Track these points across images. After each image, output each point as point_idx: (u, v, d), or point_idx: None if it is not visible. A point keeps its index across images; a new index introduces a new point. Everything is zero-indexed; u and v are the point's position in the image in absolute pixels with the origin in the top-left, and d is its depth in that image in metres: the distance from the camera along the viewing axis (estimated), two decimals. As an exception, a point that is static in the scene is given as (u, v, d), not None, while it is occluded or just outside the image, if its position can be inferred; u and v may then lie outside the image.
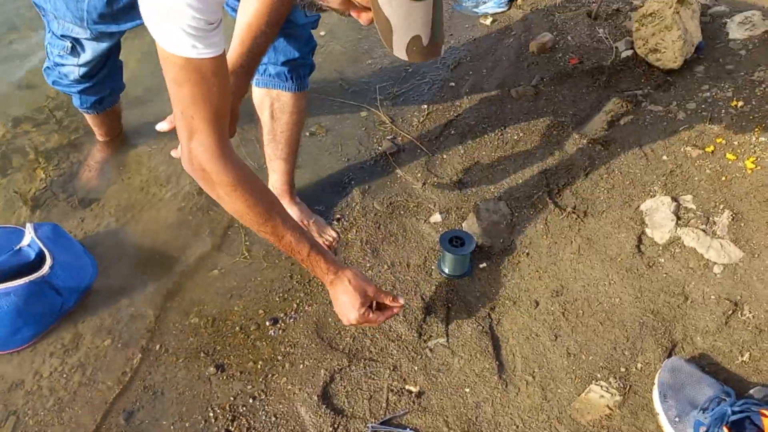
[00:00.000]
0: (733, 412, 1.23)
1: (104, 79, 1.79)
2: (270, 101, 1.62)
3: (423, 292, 1.65)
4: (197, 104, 1.10)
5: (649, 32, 2.24)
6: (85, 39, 1.56)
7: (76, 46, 1.59)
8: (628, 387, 1.41)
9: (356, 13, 1.02)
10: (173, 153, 1.33)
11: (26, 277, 1.56)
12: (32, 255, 1.66)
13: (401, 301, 1.39)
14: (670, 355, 1.45)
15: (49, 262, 1.60)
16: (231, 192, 1.19)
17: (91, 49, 1.60)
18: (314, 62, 1.65)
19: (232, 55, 1.31)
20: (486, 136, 2.11)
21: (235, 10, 1.43)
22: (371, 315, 1.36)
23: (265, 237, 1.29)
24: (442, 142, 2.10)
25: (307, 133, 2.13)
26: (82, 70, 1.68)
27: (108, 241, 1.84)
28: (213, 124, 1.13)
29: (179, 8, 0.97)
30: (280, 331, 1.59)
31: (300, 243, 1.29)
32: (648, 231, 1.74)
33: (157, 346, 1.57)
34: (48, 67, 1.78)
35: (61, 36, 1.57)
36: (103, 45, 1.58)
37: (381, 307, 1.39)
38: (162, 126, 1.34)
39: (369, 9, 0.97)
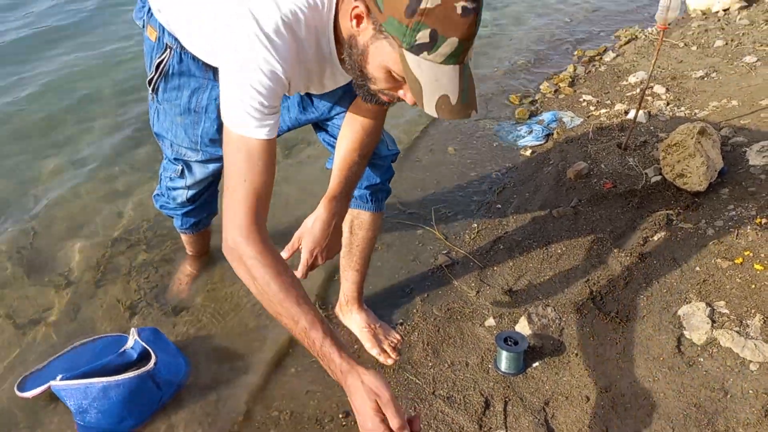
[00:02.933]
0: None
1: (204, 203, 2.09)
2: (351, 218, 1.89)
3: (482, 388, 1.82)
4: (239, 178, 1.24)
5: (675, 159, 2.51)
6: (195, 161, 1.86)
7: (185, 169, 1.91)
8: (677, 472, 1.53)
9: (404, 91, 1.21)
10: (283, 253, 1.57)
11: (134, 371, 1.79)
12: (135, 356, 1.89)
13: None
14: (714, 443, 1.57)
15: (153, 359, 1.83)
16: (255, 260, 1.22)
17: (199, 172, 1.89)
18: (391, 188, 1.93)
19: (334, 184, 1.59)
20: (532, 250, 2.34)
21: (332, 146, 1.74)
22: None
23: (284, 318, 1.23)
24: (492, 256, 2.34)
25: (372, 249, 2.39)
26: (190, 193, 1.98)
27: (197, 343, 2.06)
28: (252, 199, 1.24)
29: (244, 89, 1.19)
30: (353, 423, 1.76)
31: (315, 328, 1.19)
32: (686, 333, 1.90)
33: (243, 436, 1.76)
34: (158, 194, 2.11)
35: (174, 159, 1.88)
36: (209, 168, 1.89)
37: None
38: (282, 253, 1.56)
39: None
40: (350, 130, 1.59)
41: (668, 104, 3.34)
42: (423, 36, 1.07)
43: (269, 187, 1.28)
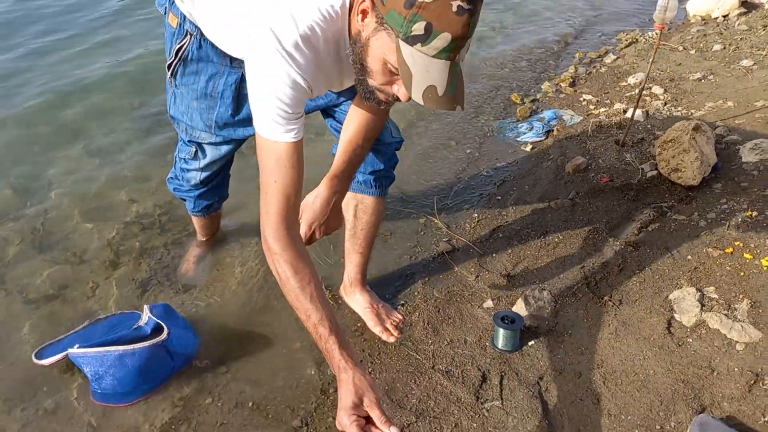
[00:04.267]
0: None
1: (216, 187, 2.18)
2: (355, 203, 1.98)
3: (479, 363, 1.90)
4: (270, 179, 1.37)
5: (670, 155, 2.59)
6: (208, 144, 1.95)
7: (198, 150, 1.99)
8: (664, 441, 1.61)
9: (398, 86, 1.29)
10: None
11: (149, 341, 1.88)
12: (148, 331, 1.97)
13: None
14: (699, 414, 1.65)
15: (166, 330, 1.92)
16: (279, 256, 1.38)
17: (212, 154, 1.98)
18: (394, 175, 2.02)
19: (337, 163, 1.67)
20: (530, 239, 2.43)
21: (338, 131, 1.83)
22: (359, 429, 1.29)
23: (300, 312, 1.40)
24: (491, 244, 2.42)
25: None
26: (203, 175, 2.07)
27: (206, 320, 2.15)
28: (280, 199, 1.38)
29: (269, 99, 1.31)
30: (356, 394, 1.84)
31: (323, 324, 1.36)
32: (676, 316, 1.98)
33: (250, 404, 1.84)
34: (171, 177, 2.19)
35: (188, 141, 1.97)
36: (222, 150, 1.97)
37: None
38: None
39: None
40: (357, 114, 1.68)
41: (666, 104, 3.43)
42: (418, 28, 1.15)
43: (298, 185, 1.40)
